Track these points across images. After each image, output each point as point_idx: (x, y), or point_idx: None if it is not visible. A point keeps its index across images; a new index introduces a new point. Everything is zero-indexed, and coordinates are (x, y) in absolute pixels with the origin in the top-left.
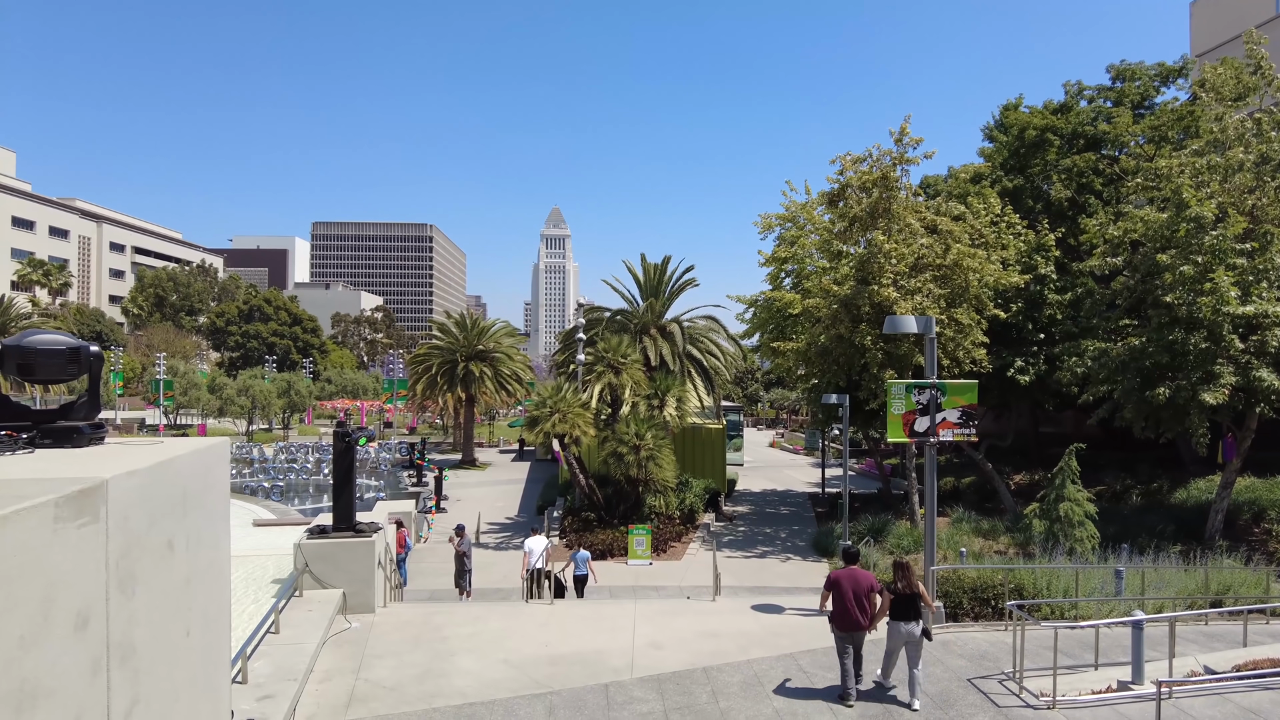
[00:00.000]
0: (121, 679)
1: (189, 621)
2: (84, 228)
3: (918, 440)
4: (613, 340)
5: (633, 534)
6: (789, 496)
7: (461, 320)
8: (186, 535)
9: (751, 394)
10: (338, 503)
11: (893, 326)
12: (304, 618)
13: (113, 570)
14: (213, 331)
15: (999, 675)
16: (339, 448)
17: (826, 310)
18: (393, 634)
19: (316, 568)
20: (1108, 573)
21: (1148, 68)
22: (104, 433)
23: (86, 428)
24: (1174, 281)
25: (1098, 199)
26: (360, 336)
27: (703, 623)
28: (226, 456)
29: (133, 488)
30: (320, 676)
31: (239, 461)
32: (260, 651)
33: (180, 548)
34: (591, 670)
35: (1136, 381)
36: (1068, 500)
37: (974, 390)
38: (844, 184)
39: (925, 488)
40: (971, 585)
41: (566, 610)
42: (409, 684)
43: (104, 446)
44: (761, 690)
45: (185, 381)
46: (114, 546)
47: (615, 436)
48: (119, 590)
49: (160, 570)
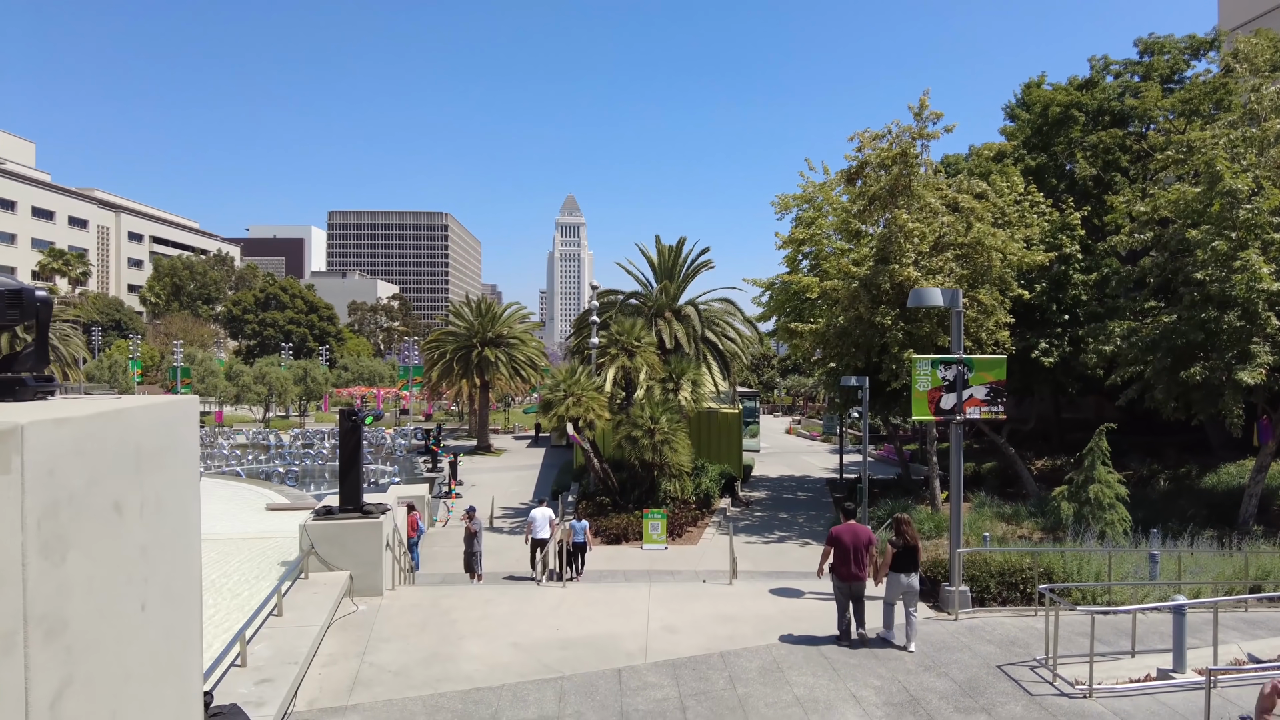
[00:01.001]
0: (46, 657)
1: (145, 595)
2: (103, 217)
3: (944, 418)
4: (626, 323)
5: (648, 518)
6: (806, 482)
7: (477, 305)
8: (142, 499)
9: (768, 380)
10: (344, 483)
11: (918, 300)
12: (309, 600)
13: (31, 532)
14: (230, 320)
15: (1030, 662)
16: (345, 427)
17: (845, 291)
18: (400, 617)
19: (322, 549)
20: (1140, 557)
21: (1177, 41)
22: (54, 386)
23: (32, 380)
24: (1207, 258)
25: (1124, 176)
26: (376, 325)
27: (719, 606)
28: (194, 416)
29: (62, 439)
30: (324, 660)
31: (255, 447)
32: (261, 634)
33: (133, 512)
34: (604, 655)
35: (1167, 361)
36: (1098, 482)
37: (1002, 366)
38: (862, 161)
39: (951, 468)
40: (999, 569)
41: (579, 593)
42: (415, 668)
43: (53, 401)
44: (780, 676)
45: (202, 369)
46: (33, 504)
47: (630, 420)
48: (41, 555)
49: (105, 536)
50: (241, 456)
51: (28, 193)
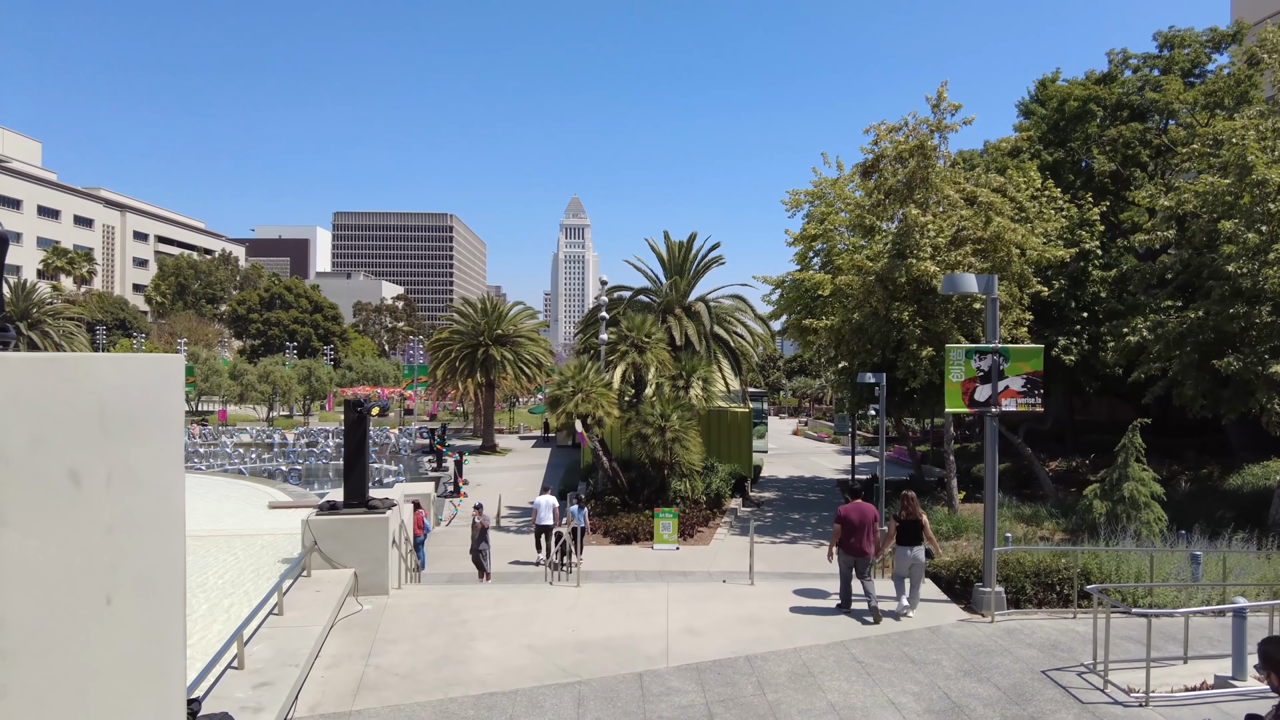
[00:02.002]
0: None
1: (111, 585)
2: (108, 217)
3: (978, 411)
4: (636, 319)
5: (659, 517)
6: (817, 483)
7: (482, 304)
8: (108, 469)
9: (774, 382)
10: (349, 477)
11: (952, 285)
12: (311, 599)
13: None
14: (234, 319)
15: (1077, 667)
16: (351, 418)
17: (860, 287)
18: (408, 617)
19: (326, 546)
20: (1181, 558)
21: (1198, 34)
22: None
23: None
24: (1238, 251)
25: (1143, 172)
26: (381, 325)
27: (742, 607)
28: (178, 378)
29: None
30: (327, 662)
31: (259, 446)
32: (261, 635)
33: (95, 484)
34: (623, 657)
35: (1195, 357)
36: (1132, 480)
37: (1039, 356)
38: (878, 154)
39: (986, 463)
40: (1034, 569)
41: (594, 593)
42: (424, 671)
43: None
44: (813, 681)
45: (206, 368)
46: None
47: (640, 418)
48: None
49: (54, 511)
50: (245, 455)
51: (33, 191)
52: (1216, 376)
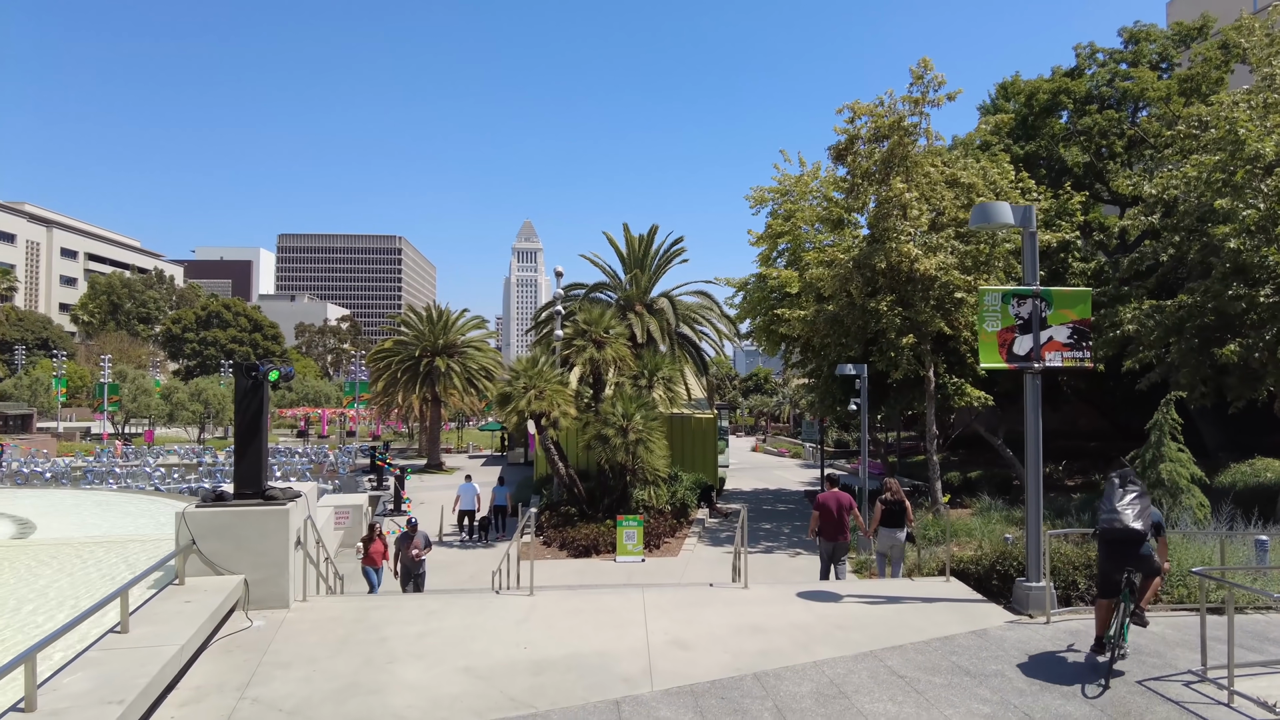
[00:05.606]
0: None
1: None
2: (33, 232)
3: (1019, 366)
4: (595, 312)
5: (622, 525)
6: (783, 495)
7: (427, 313)
8: None
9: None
10: (241, 462)
11: (983, 216)
12: (177, 611)
13: None
14: (169, 339)
15: (1180, 675)
16: (244, 385)
17: (832, 280)
18: (310, 635)
19: (208, 546)
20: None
21: (1163, 30)
22: None
23: None
24: (1237, 229)
25: (1116, 163)
26: (325, 347)
27: (739, 614)
28: None
29: None
30: (186, 695)
31: (186, 466)
32: (88, 658)
33: None
34: (593, 680)
35: (1195, 342)
36: (1168, 460)
37: (1087, 301)
38: (853, 134)
39: (1026, 435)
40: (1084, 563)
41: (554, 602)
42: (320, 704)
43: None
44: (847, 704)
45: (135, 387)
46: None
47: (600, 418)
48: None
49: None
50: (167, 475)
51: None
52: (1216, 363)
